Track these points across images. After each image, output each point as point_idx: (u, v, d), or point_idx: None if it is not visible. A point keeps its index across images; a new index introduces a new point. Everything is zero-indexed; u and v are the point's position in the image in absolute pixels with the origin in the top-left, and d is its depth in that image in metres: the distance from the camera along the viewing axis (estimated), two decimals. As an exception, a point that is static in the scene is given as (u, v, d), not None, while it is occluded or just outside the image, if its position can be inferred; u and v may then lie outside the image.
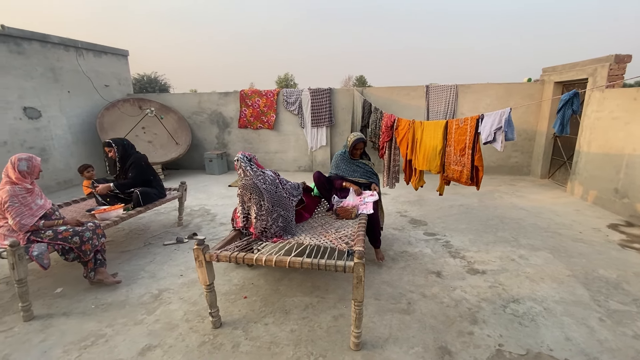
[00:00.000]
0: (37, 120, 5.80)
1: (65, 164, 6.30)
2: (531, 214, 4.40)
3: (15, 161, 2.53)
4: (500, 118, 2.69)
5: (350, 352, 2.03)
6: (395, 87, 6.89)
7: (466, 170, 3.08)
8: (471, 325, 2.25)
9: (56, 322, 2.36)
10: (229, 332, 2.22)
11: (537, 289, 2.68)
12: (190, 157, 7.71)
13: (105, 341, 2.16)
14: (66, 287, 2.81)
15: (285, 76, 38.01)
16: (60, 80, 6.23)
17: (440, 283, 2.79)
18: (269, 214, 2.46)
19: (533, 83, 6.44)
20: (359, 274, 1.88)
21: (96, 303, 2.58)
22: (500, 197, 5.24)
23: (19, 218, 2.43)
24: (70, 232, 2.58)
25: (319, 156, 7.35)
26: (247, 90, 7.41)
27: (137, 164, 3.59)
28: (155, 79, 26.40)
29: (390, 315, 2.38)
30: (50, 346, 2.13)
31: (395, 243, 3.57)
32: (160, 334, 2.21)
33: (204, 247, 2.12)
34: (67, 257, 2.60)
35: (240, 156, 2.54)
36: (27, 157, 2.59)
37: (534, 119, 6.41)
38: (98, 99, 6.98)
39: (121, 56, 7.73)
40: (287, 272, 2.98)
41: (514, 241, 3.58)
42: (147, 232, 4.04)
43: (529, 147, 6.56)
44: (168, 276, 2.97)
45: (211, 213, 4.70)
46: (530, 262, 3.13)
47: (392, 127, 4.23)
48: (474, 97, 6.55)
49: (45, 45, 5.96)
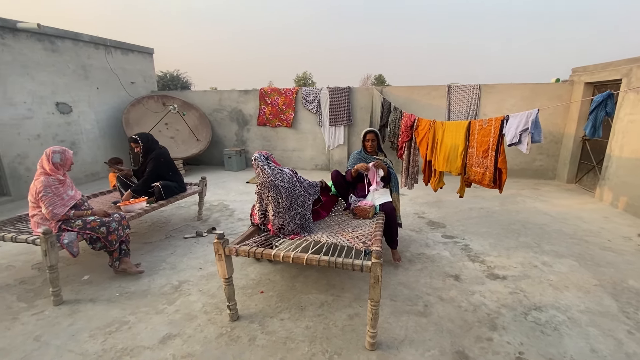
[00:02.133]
0: (68, 115, 6.08)
1: (92, 157, 6.57)
2: (556, 220, 4.25)
3: (50, 153, 2.66)
4: (527, 119, 2.60)
5: (366, 351, 2.03)
6: (415, 87, 6.79)
7: (489, 172, 3.00)
8: (490, 331, 2.20)
9: (83, 308, 2.47)
10: (245, 326, 2.26)
11: (561, 298, 2.58)
12: (210, 153, 7.87)
13: (129, 328, 2.25)
14: (93, 274, 2.94)
15: (304, 75, 38.15)
16: (90, 77, 6.49)
17: (458, 287, 2.73)
18: (287, 212, 2.49)
19: (561, 84, 6.19)
20: (377, 274, 1.88)
21: (120, 291, 2.68)
22: (523, 201, 5.07)
23: (52, 207, 2.56)
24: (97, 222, 2.69)
25: (336, 155, 7.34)
26: (266, 88, 7.49)
27: (154, 160, 3.65)
28: (177, 76, 27.08)
29: (407, 316, 2.36)
30: (78, 330, 2.23)
31: (412, 244, 3.53)
32: (180, 324, 2.28)
33: (224, 241, 2.17)
34: (94, 246, 2.71)
35: (257, 156, 2.57)
36: (60, 150, 2.72)
37: (561, 121, 6.16)
38: (124, 95, 7.23)
39: (147, 54, 7.97)
40: (303, 269, 3.00)
41: (536, 247, 3.47)
42: (168, 225, 4.16)
43: (555, 150, 6.32)
44: (188, 268, 3.05)
45: (229, 208, 4.79)
46: (554, 269, 3.02)
47: (412, 127, 4.18)
48: (497, 98, 6.37)
49: (77, 43, 6.23)
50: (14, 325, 2.29)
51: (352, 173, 3.11)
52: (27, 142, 5.41)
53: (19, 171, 5.30)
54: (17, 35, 5.27)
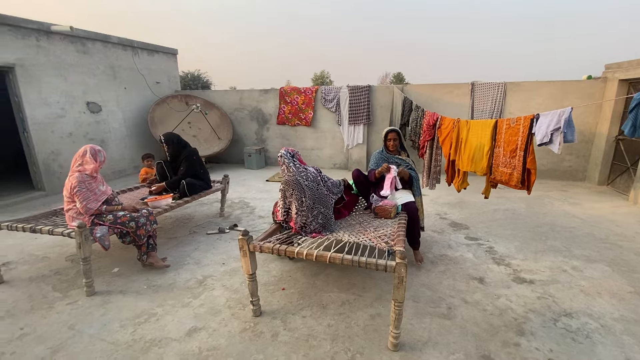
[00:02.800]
0: (98, 114, 6.33)
1: (120, 154, 6.83)
2: (586, 223, 4.07)
3: (96, 152, 2.79)
4: (559, 118, 2.50)
5: (388, 352, 2.01)
6: (437, 85, 6.66)
7: (516, 172, 2.90)
8: (517, 336, 2.14)
9: (114, 299, 2.58)
10: (268, 322, 2.30)
11: (593, 304, 2.48)
12: (231, 151, 8.01)
13: (157, 320, 2.33)
14: (122, 267, 3.06)
15: (322, 73, 38.12)
16: (118, 77, 6.74)
17: (483, 290, 2.67)
18: (310, 211, 2.50)
19: (593, 81, 5.91)
20: (401, 274, 1.86)
21: (148, 284, 2.78)
22: (551, 203, 4.89)
23: (86, 202, 2.68)
24: (127, 217, 2.80)
25: (355, 154, 7.31)
26: (286, 87, 7.54)
27: (189, 159, 3.79)
28: (198, 76, 27.65)
29: (429, 318, 2.32)
30: (109, 320, 2.33)
31: (434, 246, 3.47)
32: (205, 318, 2.34)
33: (248, 238, 2.20)
34: (124, 240, 2.82)
35: (283, 152, 2.60)
36: (101, 149, 2.87)
37: (592, 120, 5.89)
38: (149, 94, 7.46)
39: (171, 54, 8.19)
40: (323, 267, 3.01)
41: (566, 251, 3.34)
42: (192, 221, 4.27)
43: (586, 150, 6.05)
44: (211, 264, 3.13)
45: (250, 206, 4.86)
46: (585, 274, 2.90)
47: (435, 125, 4.10)
48: (524, 96, 6.16)
49: (106, 45, 6.48)
50: (50, 313, 2.42)
51: (376, 174, 3.09)
52: (60, 139, 5.68)
53: (52, 167, 5.57)
54: (51, 38, 5.53)
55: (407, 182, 3.16)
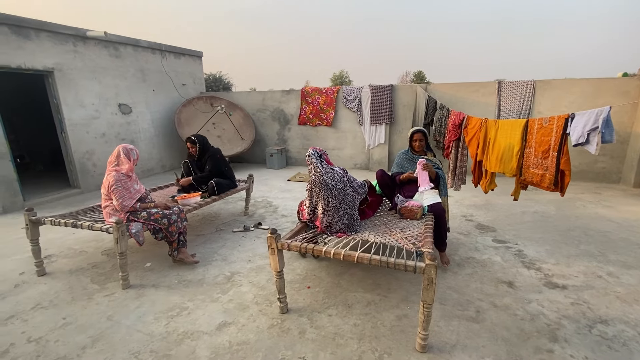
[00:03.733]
0: (129, 115, 6.61)
1: (148, 154, 7.10)
2: (622, 227, 3.88)
3: (128, 151, 2.94)
4: (597, 118, 2.40)
5: (416, 353, 2.01)
6: (461, 84, 6.52)
7: (549, 174, 2.81)
8: (550, 343, 2.08)
9: (147, 292, 2.70)
10: (295, 319, 2.34)
11: (630, 311, 2.37)
12: (253, 151, 8.15)
13: (188, 313, 2.42)
14: (154, 262, 3.19)
15: (340, 73, 38.04)
16: (147, 80, 7.01)
17: (513, 294, 2.61)
18: (336, 211, 2.53)
19: (629, 78, 5.62)
20: (431, 275, 1.85)
21: (179, 279, 2.89)
22: (583, 206, 4.69)
23: (122, 200, 2.82)
24: (160, 214, 2.92)
25: (376, 154, 7.27)
26: (308, 88, 7.60)
27: (213, 157, 3.94)
28: (220, 78, 28.26)
29: (457, 321, 2.29)
30: (144, 312, 2.44)
31: (460, 248, 3.42)
32: (234, 313, 2.41)
33: (276, 236, 2.25)
34: (156, 236, 2.95)
35: (311, 152, 2.63)
36: (134, 148, 3.01)
37: (628, 120, 5.60)
38: (176, 96, 7.71)
39: (196, 57, 8.44)
40: (347, 267, 3.02)
41: (600, 256, 3.20)
42: (218, 219, 4.39)
43: (621, 151, 5.76)
44: (238, 260, 3.21)
45: (273, 205, 4.94)
46: (621, 280, 2.78)
47: (461, 125, 4.03)
48: (554, 94, 5.93)
49: (136, 49, 6.75)
50: (90, 304, 2.56)
51: (401, 179, 3.09)
52: (94, 140, 5.97)
53: (87, 166, 5.87)
54: (87, 43, 5.83)
55: (433, 180, 3.12)
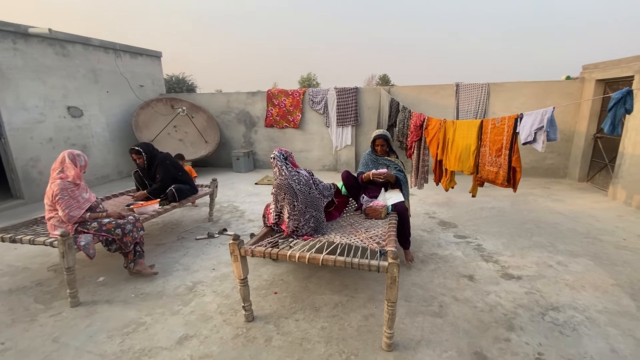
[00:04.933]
0: (79, 119, 6.16)
1: (103, 159, 6.65)
2: (569, 219, 4.19)
3: (74, 156, 2.71)
4: (542, 117, 2.57)
5: (382, 352, 2.02)
6: (423, 86, 6.76)
7: (502, 171, 2.97)
8: (507, 332, 2.18)
9: (100, 309, 2.50)
10: (261, 326, 2.27)
11: (578, 297, 2.55)
12: (219, 155, 7.91)
13: (145, 329, 2.27)
14: (108, 276, 2.97)
15: (308, 76, 38.17)
16: (100, 81, 6.58)
17: (473, 287, 2.71)
18: (302, 215, 2.49)
19: (572, 81, 6.12)
20: (394, 274, 1.87)
21: (136, 292, 2.71)
22: (535, 200, 5.02)
23: (68, 210, 2.59)
24: (113, 224, 2.72)
25: (344, 155, 7.34)
26: (273, 89, 7.52)
27: (163, 165, 3.66)
28: (183, 79, 27.26)
29: (422, 317, 2.34)
30: (96, 331, 2.26)
31: (424, 245, 3.51)
32: (196, 325, 2.29)
33: (239, 242, 2.18)
34: (109, 247, 2.74)
35: (276, 154, 2.58)
36: (81, 153, 2.79)
37: (572, 119, 6.09)
38: (133, 98, 7.30)
39: (155, 57, 8.05)
40: (315, 269, 3.00)
41: (550, 246, 3.43)
42: (180, 226, 4.19)
43: (566, 148, 6.25)
44: (201, 269, 3.07)
45: (239, 210, 4.81)
46: (569, 268, 2.99)
47: (422, 126, 4.15)
48: (506, 96, 6.32)
49: (87, 47, 6.31)
50: (32, 326, 2.32)
51: (363, 178, 3.11)
52: (40, 145, 5.49)
53: (31, 175, 5.38)
54: (29, 40, 5.35)
55: (394, 185, 3.19)
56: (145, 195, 3.59)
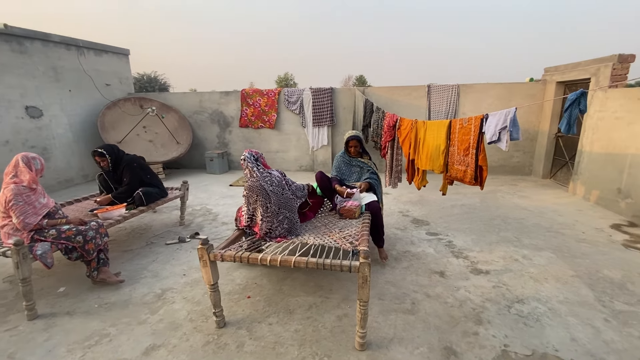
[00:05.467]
0: (39, 120, 5.79)
1: (66, 163, 6.29)
2: (534, 214, 4.40)
3: (29, 159, 2.53)
4: (506, 118, 2.68)
5: (355, 352, 2.02)
6: (396, 87, 6.88)
7: (470, 169, 3.07)
8: (476, 326, 2.25)
9: (60, 321, 2.35)
10: (233, 332, 2.22)
11: (541, 289, 2.67)
12: (191, 156, 7.70)
13: (109, 340, 2.16)
14: (69, 286, 2.80)
15: (285, 76, 37.99)
16: (62, 79, 6.22)
17: (444, 283, 2.78)
18: (275, 216, 2.46)
19: (535, 83, 6.43)
20: (365, 273, 1.88)
21: (99, 302, 2.57)
22: (502, 197, 5.23)
23: (23, 217, 2.42)
24: (73, 231, 2.57)
25: (320, 156, 7.34)
26: (248, 89, 7.40)
27: (129, 167, 3.50)
28: (155, 78, 26.35)
29: (395, 315, 2.37)
30: (55, 345, 2.12)
31: (398, 243, 3.57)
32: (164, 334, 2.21)
33: (208, 247, 2.11)
34: (70, 256, 2.59)
35: (247, 155, 2.53)
36: (37, 156, 2.62)
37: (535, 119, 6.40)
38: (99, 97, 6.96)
39: (122, 55, 7.71)
40: (290, 271, 2.97)
41: (517, 241, 3.58)
42: (149, 231, 4.03)
43: (531, 147, 6.56)
44: (171, 275, 2.96)
45: (213, 212, 4.69)
46: (533, 262, 3.13)
47: (395, 126, 4.22)
48: (475, 97, 6.55)
49: (47, 44, 5.95)
50: (-17, 343, 2.15)
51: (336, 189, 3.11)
52: (-6, 148, 5.12)
53: (-15, 179, 5.00)
54: (-20, 36, 4.98)
55: (368, 190, 3.22)
56: (110, 199, 3.42)
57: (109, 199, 3.43)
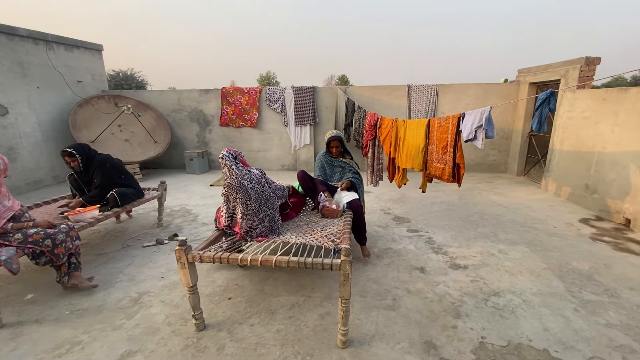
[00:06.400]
0: (4, 118, 5.47)
1: (34, 163, 5.97)
2: (509, 210, 4.55)
3: None
4: (481, 117, 2.76)
5: (338, 350, 2.03)
6: (377, 87, 6.95)
7: (448, 167, 3.14)
8: (455, 319, 2.30)
9: (27, 330, 2.23)
10: (213, 335, 2.17)
11: (516, 282, 2.77)
12: (170, 156, 7.50)
13: (82, 348, 2.06)
14: (37, 292, 2.66)
15: (267, 74, 37.67)
16: (29, 75, 5.90)
17: (424, 278, 2.83)
18: (255, 214, 2.42)
19: (509, 83, 6.66)
20: (346, 271, 1.88)
21: (71, 309, 2.45)
22: (480, 194, 5.39)
23: (-16, 221, 2.28)
24: (41, 234, 2.44)
25: (303, 155, 7.32)
26: (228, 87, 7.28)
27: (101, 168, 3.35)
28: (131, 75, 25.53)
29: (376, 312, 2.39)
30: (22, 355, 2.01)
31: (379, 240, 3.61)
32: (141, 339, 2.13)
33: (186, 248, 2.06)
34: (38, 261, 2.46)
35: (225, 153, 2.48)
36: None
37: (510, 118, 6.63)
38: (70, 95, 6.66)
39: (95, 51, 7.41)
40: (272, 271, 2.94)
41: (493, 236, 3.69)
42: (125, 233, 3.89)
43: (506, 145, 6.79)
44: (148, 279, 2.87)
45: (192, 213, 4.59)
46: (509, 256, 3.23)
47: (376, 125, 4.26)
48: (453, 97, 6.71)
49: (12, 38, 5.62)
50: (-58, 356, 2.01)
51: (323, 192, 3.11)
52: (-47, 148, 4.79)
53: (-57, 181, 4.67)
54: (-64, 28, 4.65)
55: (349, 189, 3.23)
56: (81, 203, 3.27)
57: (80, 203, 3.28)
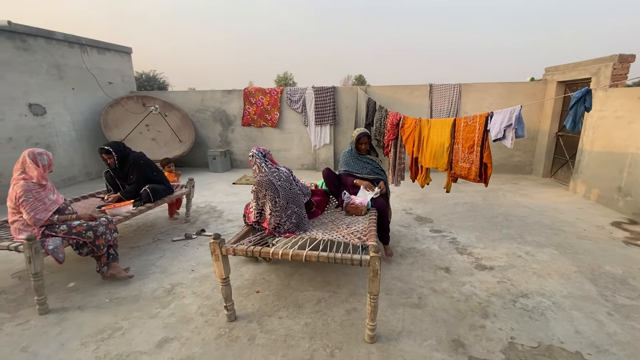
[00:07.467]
0: (42, 117, 5.80)
1: (69, 160, 6.30)
2: (535, 212, 4.45)
3: (35, 155, 2.55)
4: (511, 115, 2.72)
5: (366, 344, 2.06)
6: (398, 86, 6.92)
7: (474, 167, 3.11)
8: (482, 319, 2.29)
9: (71, 316, 2.38)
10: (244, 326, 2.25)
11: (545, 284, 2.72)
12: (194, 154, 7.72)
13: (122, 334, 2.19)
14: (79, 281, 2.83)
15: (285, 75, 37.97)
16: (65, 77, 6.22)
17: (449, 278, 2.82)
18: (283, 211, 2.49)
19: (536, 82, 6.49)
20: (375, 267, 1.92)
21: (110, 297, 2.60)
22: (504, 195, 5.28)
23: (34, 213, 2.45)
24: (84, 226, 2.60)
25: (323, 154, 7.38)
26: (250, 88, 7.43)
27: (136, 165, 3.52)
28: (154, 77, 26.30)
29: (402, 309, 2.41)
30: (68, 339, 2.15)
31: (402, 240, 3.61)
32: (176, 327, 2.24)
33: (220, 241, 2.15)
34: (80, 251, 2.62)
35: (255, 152, 2.56)
36: (43, 151, 2.63)
37: (536, 118, 6.46)
38: (102, 95, 6.97)
39: (124, 53, 7.73)
40: (297, 267, 3.01)
41: (519, 238, 3.63)
42: (155, 228, 4.05)
43: (532, 146, 6.62)
44: (179, 271, 3.00)
45: (217, 210, 4.72)
46: (536, 258, 3.17)
47: (398, 125, 4.26)
48: (476, 96, 6.60)
49: (50, 42, 5.95)
50: (-3, 337, 2.18)
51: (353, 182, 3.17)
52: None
53: (-11, 177, 5.01)
54: (-16, 33, 4.98)
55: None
56: (119, 197, 3.45)
57: (118, 197, 3.45)
